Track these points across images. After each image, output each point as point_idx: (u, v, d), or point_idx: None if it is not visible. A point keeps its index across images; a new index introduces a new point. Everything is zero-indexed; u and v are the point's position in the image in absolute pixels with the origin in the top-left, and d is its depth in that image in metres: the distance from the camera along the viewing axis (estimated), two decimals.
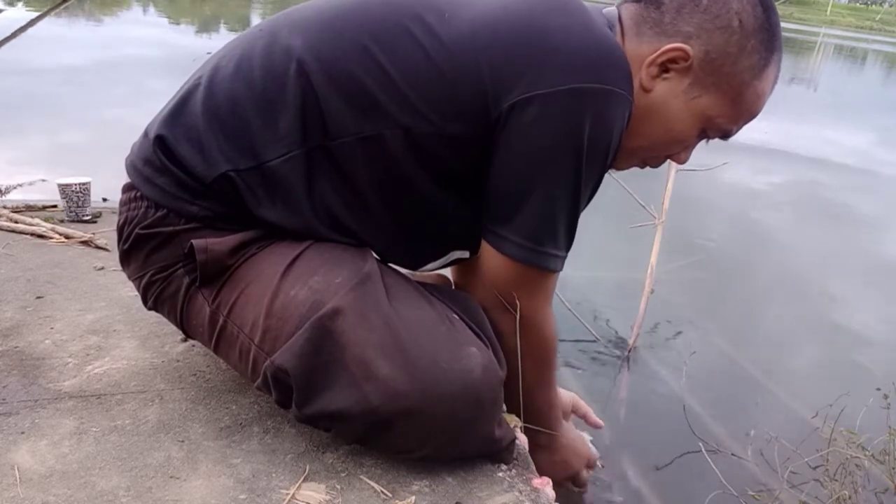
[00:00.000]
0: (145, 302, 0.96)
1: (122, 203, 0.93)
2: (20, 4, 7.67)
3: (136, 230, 0.90)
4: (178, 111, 0.89)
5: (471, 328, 0.87)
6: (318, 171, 0.85)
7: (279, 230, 0.88)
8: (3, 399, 0.94)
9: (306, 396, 0.82)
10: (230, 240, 0.87)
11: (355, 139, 0.84)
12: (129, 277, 0.97)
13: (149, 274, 0.92)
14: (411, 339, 0.81)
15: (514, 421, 1.02)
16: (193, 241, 0.86)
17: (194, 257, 0.86)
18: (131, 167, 0.91)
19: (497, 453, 0.92)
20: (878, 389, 1.42)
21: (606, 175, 0.91)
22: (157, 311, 0.96)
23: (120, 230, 0.93)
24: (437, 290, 0.94)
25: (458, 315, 0.89)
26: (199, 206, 0.87)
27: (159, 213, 0.88)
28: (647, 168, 1.00)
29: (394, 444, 0.87)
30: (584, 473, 1.16)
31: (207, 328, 0.90)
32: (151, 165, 0.88)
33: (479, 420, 0.86)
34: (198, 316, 0.90)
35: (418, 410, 0.80)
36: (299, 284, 0.83)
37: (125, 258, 0.94)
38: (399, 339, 0.81)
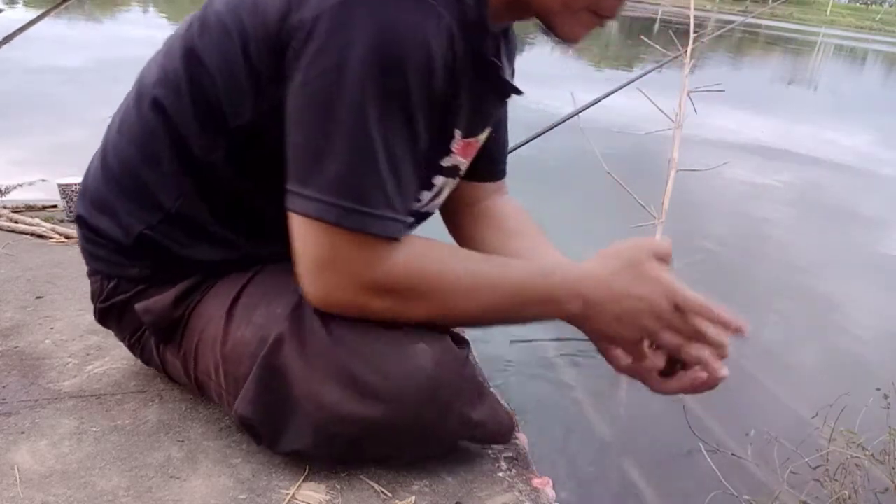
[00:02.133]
0: (143, 362, 1.00)
1: (88, 276, 0.95)
2: (20, 4, 7.66)
3: (98, 305, 0.93)
4: (86, 185, 0.91)
5: None
6: (215, 199, 0.84)
7: (220, 266, 0.87)
8: (3, 399, 0.94)
9: (274, 439, 0.82)
10: (168, 294, 0.87)
11: (221, 157, 0.81)
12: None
13: (126, 339, 0.96)
14: (353, 356, 0.78)
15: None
16: (136, 306, 0.88)
17: None
18: (81, 248, 0.93)
19: (485, 437, 0.90)
20: (878, 389, 1.42)
21: (606, 175, 0.90)
22: (153, 367, 0.99)
23: (91, 301, 0.96)
24: None
25: None
26: (139, 266, 0.88)
27: (111, 284, 0.91)
28: (605, 21, 0.79)
29: (374, 456, 0.87)
30: (669, 332, 0.76)
31: (185, 380, 0.93)
32: (88, 241, 0.91)
33: (446, 412, 0.83)
34: (175, 370, 0.93)
35: (379, 424, 0.79)
36: (244, 323, 0.82)
37: (104, 326, 0.98)
38: (340, 360, 0.78)
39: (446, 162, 0.87)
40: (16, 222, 1.60)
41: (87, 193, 0.91)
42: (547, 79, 6.20)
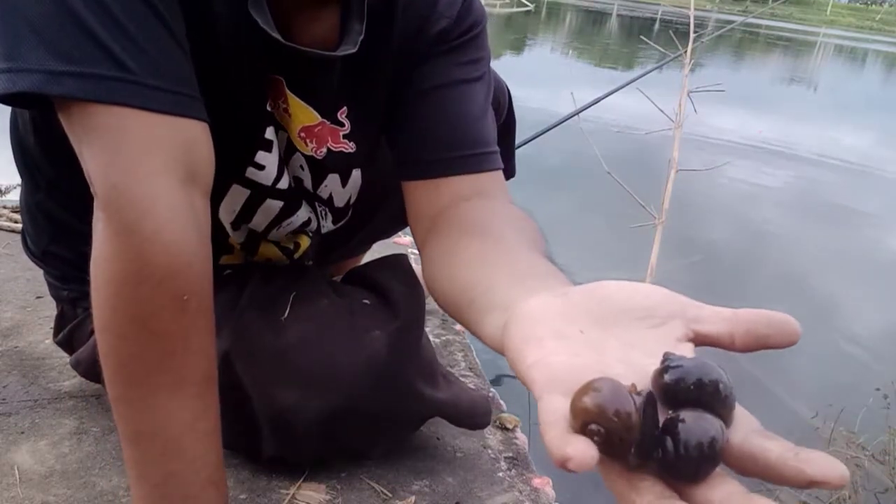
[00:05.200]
0: None
1: None
2: None
3: (55, 342, 0.94)
4: None
5: (382, 305, 0.85)
6: (66, 194, 0.78)
7: None
8: (3, 399, 0.94)
9: (251, 449, 0.83)
10: (91, 342, 0.83)
11: (34, 141, 0.76)
12: None
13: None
14: (305, 354, 0.78)
15: (513, 422, 1.02)
16: (69, 361, 0.88)
17: None
18: None
19: (460, 416, 0.89)
20: (878, 389, 1.42)
21: (606, 175, 0.88)
22: None
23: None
24: (360, 273, 0.93)
25: (369, 299, 0.86)
26: (67, 289, 0.87)
27: (57, 312, 0.91)
28: None
29: (351, 450, 0.87)
30: None
31: None
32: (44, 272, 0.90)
33: (406, 394, 0.83)
34: None
35: (342, 416, 0.79)
36: None
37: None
38: (293, 362, 0.78)
39: (269, 107, 0.71)
40: (16, 222, 1.60)
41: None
42: (547, 79, 6.20)
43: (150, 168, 0.52)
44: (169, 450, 0.55)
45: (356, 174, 0.82)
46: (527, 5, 18.02)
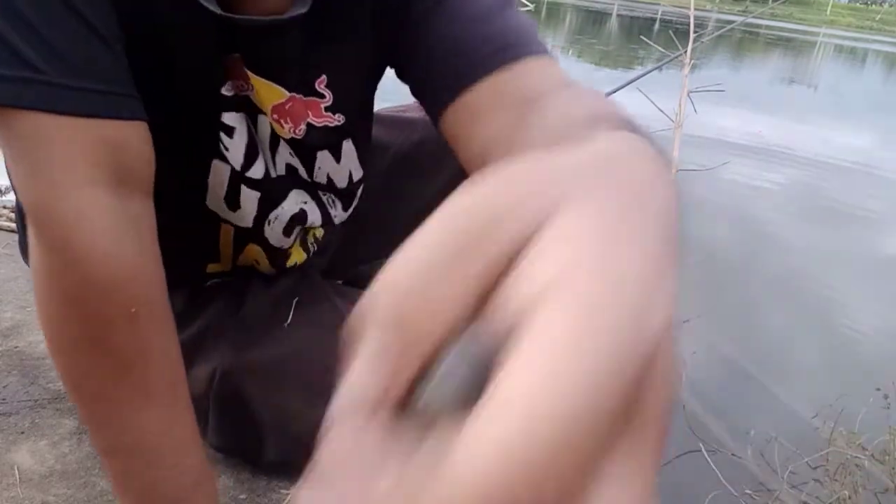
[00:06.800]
0: None
1: None
2: None
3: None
4: None
5: None
6: None
7: None
8: (3, 399, 0.94)
9: (254, 455, 0.83)
10: None
11: None
12: None
13: None
14: (307, 361, 0.78)
15: None
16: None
17: None
18: None
19: None
20: (878, 389, 1.42)
21: None
22: None
23: None
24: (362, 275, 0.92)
25: None
26: None
27: None
28: None
29: None
30: None
31: None
32: None
33: None
34: None
35: None
36: (202, 364, 0.79)
37: None
38: (295, 369, 0.77)
39: (228, 90, 0.65)
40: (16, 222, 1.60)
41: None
42: None
43: (73, 179, 0.48)
44: (147, 461, 0.54)
45: (347, 146, 0.75)
46: (527, 5, 18.02)
